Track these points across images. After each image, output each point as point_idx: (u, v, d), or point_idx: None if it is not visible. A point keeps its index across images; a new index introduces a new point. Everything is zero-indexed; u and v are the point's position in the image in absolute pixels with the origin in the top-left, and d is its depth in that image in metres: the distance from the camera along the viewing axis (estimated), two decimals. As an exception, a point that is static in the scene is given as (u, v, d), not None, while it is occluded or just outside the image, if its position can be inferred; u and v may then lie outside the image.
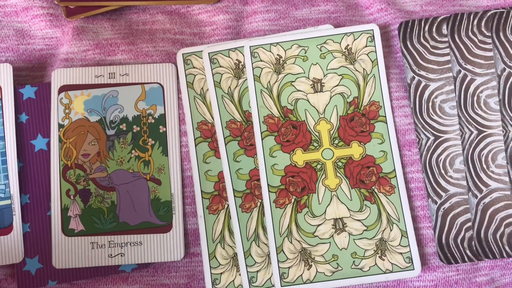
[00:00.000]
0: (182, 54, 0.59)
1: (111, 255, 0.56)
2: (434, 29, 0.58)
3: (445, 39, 0.58)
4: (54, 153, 0.57)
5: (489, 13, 0.58)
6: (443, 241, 0.56)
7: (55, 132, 0.57)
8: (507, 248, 0.55)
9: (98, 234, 0.56)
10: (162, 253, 0.56)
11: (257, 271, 0.55)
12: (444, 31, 0.58)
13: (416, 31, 0.58)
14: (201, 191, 0.57)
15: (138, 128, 0.58)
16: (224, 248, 0.56)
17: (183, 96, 0.59)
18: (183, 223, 0.57)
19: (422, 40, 0.58)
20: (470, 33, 0.57)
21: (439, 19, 0.58)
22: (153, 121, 0.58)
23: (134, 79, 0.59)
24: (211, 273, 0.56)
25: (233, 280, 0.56)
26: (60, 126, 0.58)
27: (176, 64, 0.60)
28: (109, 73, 0.59)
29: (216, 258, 0.56)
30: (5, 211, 0.56)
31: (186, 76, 0.59)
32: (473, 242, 0.55)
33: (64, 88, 0.58)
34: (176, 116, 0.58)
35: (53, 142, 0.57)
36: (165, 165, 0.57)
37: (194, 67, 0.59)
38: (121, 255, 0.56)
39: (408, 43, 0.58)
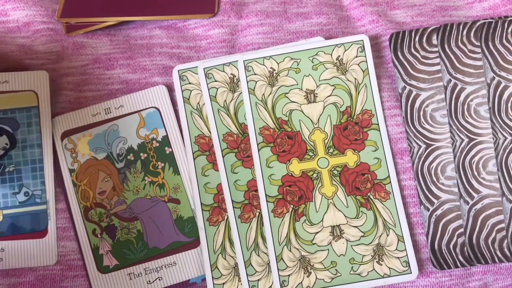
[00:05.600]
0: (178, 70, 0.60)
1: (149, 281, 0.57)
2: (424, 40, 0.59)
3: (435, 49, 0.59)
4: (72, 198, 0.58)
5: (478, 23, 0.58)
6: (436, 247, 0.56)
7: (67, 178, 0.59)
8: (499, 253, 0.56)
9: (133, 265, 0.57)
10: (197, 269, 0.57)
11: (258, 280, 0.56)
12: (434, 41, 0.59)
13: (407, 42, 0.59)
14: (201, 203, 0.57)
15: (145, 155, 0.59)
16: (225, 259, 0.57)
17: (180, 112, 0.59)
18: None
19: (412, 50, 0.59)
20: (459, 43, 0.58)
21: (429, 30, 0.59)
22: (157, 144, 0.59)
23: (130, 109, 0.60)
24: (213, 283, 0.56)
25: None
26: (71, 171, 0.58)
27: (172, 81, 0.61)
28: (105, 109, 0.59)
29: (218, 268, 0.57)
30: (41, 215, 0.58)
31: (182, 92, 0.60)
32: (465, 248, 0.56)
33: (65, 134, 0.59)
34: (178, 135, 0.59)
35: (68, 188, 0.59)
36: (179, 184, 0.58)
37: (190, 83, 0.60)
38: (159, 279, 0.57)
39: (399, 53, 0.59)
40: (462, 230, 0.56)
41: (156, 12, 0.62)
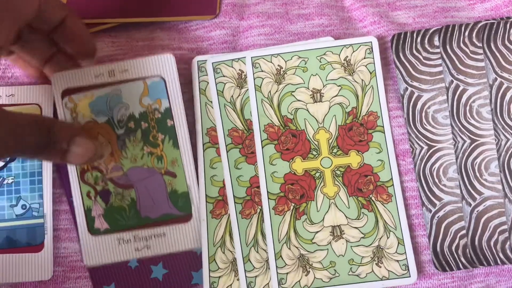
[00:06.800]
0: (197, 61, 0.60)
1: (137, 248, 0.56)
2: (426, 41, 0.59)
3: (437, 50, 0.59)
4: None
5: (480, 24, 0.59)
6: (438, 248, 0.56)
7: None
8: (501, 255, 0.56)
9: (123, 231, 0.57)
10: (185, 242, 0.57)
11: (256, 276, 0.56)
12: (436, 42, 0.59)
13: (409, 43, 0.59)
14: (206, 195, 0.57)
15: (146, 125, 0.58)
16: (224, 253, 0.56)
17: (195, 102, 0.59)
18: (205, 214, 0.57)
19: (414, 51, 0.59)
20: (461, 44, 0.58)
21: (431, 31, 0.59)
22: (159, 116, 0.58)
23: (134, 75, 0.58)
24: (209, 276, 0.56)
25: (231, 284, 0.56)
26: None
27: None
28: (108, 71, 0.58)
29: (215, 261, 0.56)
30: (37, 229, 0.58)
31: (199, 82, 0.60)
32: (467, 250, 0.56)
33: (66, 93, 0.58)
34: (182, 109, 0.58)
35: None
36: (177, 158, 0.57)
37: (207, 75, 0.60)
38: (147, 248, 0.56)
39: (401, 54, 0.59)
40: (464, 231, 0.56)
41: (157, 14, 0.62)
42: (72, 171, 0.57)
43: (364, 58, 0.59)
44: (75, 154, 0.50)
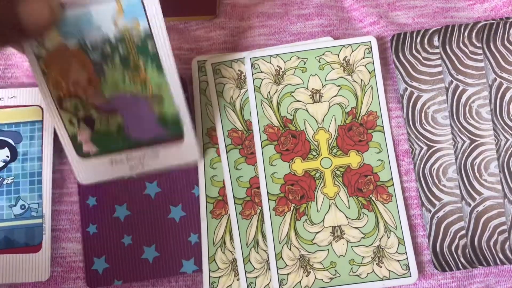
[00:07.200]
0: (197, 61, 0.60)
1: (131, 167, 0.55)
2: (425, 41, 0.59)
3: (437, 50, 0.59)
4: (42, 85, 0.52)
5: (479, 25, 0.59)
6: (438, 249, 0.56)
7: (35, 65, 0.52)
8: (500, 255, 0.56)
9: (114, 152, 0.55)
10: (180, 158, 0.55)
11: (256, 277, 0.56)
12: (436, 42, 0.59)
13: (408, 43, 0.59)
14: (206, 195, 0.57)
15: (124, 48, 0.52)
16: (224, 253, 0.57)
17: (195, 102, 0.59)
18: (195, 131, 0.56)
19: (414, 52, 0.59)
20: (461, 44, 0.59)
21: (430, 31, 0.59)
22: (138, 37, 0.52)
23: None
24: (209, 276, 0.56)
25: (231, 285, 0.56)
26: (38, 57, 0.52)
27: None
28: None
29: (215, 261, 0.56)
30: (36, 230, 0.58)
31: (199, 83, 0.60)
32: (467, 250, 0.56)
33: None
34: (163, 28, 0.52)
35: (37, 76, 0.52)
36: (163, 83, 0.53)
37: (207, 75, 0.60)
38: (142, 166, 0.55)
39: (401, 55, 0.59)
40: (464, 232, 0.56)
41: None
42: (48, 99, 0.53)
43: (363, 58, 0.59)
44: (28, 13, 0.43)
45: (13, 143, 0.58)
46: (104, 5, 0.51)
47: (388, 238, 0.56)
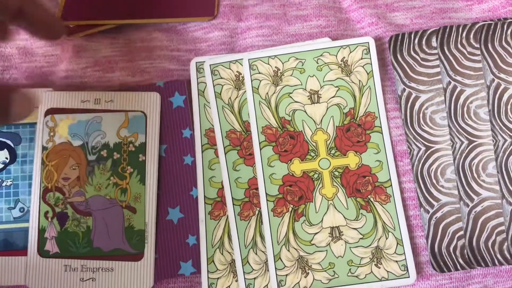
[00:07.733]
0: (196, 62, 0.60)
1: (82, 279, 0.56)
2: (423, 42, 0.59)
3: (435, 51, 0.59)
4: (36, 175, 0.57)
5: (477, 25, 0.59)
6: (436, 249, 0.56)
7: (38, 155, 0.58)
8: (499, 256, 0.56)
9: (72, 258, 0.56)
10: (132, 282, 0.56)
11: (255, 278, 0.56)
12: (434, 43, 0.59)
13: (406, 44, 0.59)
14: (204, 196, 0.57)
15: (119, 155, 0.58)
16: (222, 254, 0.57)
17: (194, 103, 0.59)
18: (155, 254, 0.57)
19: (412, 52, 0.59)
20: (459, 45, 0.59)
21: (428, 32, 0.59)
22: (133, 149, 0.58)
23: (119, 106, 0.59)
24: (208, 277, 0.56)
25: (229, 286, 0.56)
26: (44, 148, 0.58)
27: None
28: (95, 99, 0.59)
29: (214, 263, 0.56)
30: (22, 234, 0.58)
31: (198, 84, 0.60)
32: (465, 251, 0.56)
33: (50, 111, 0.59)
34: (156, 147, 0.58)
35: (36, 165, 0.58)
36: (141, 194, 0.57)
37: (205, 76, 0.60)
38: (92, 280, 0.56)
39: (399, 55, 0.59)
40: (462, 232, 0.56)
41: (156, 15, 0.62)
42: (36, 188, 0.57)
43: (361, 58, 0.59)
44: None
45: (12, 145, 0.58)
46: (114, 114, 0.59)
47: (387, 238, 0.56)
